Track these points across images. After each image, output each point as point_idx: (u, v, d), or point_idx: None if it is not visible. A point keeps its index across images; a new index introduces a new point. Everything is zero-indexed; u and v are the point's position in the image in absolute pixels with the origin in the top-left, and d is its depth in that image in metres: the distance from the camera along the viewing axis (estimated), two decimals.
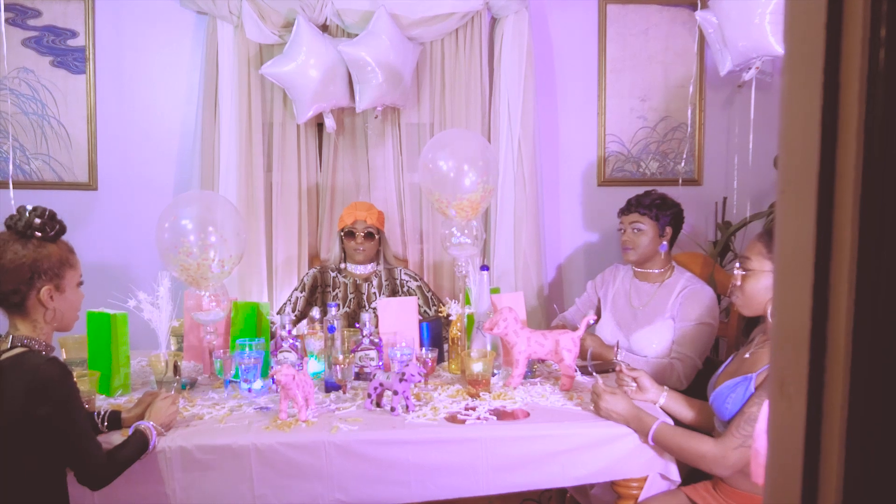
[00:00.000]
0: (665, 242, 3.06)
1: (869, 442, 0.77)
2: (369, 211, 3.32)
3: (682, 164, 4.06)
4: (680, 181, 3.98)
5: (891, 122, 0.73)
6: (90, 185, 3.77)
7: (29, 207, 2.00)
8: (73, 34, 3.71)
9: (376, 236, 3.33)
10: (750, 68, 3.35)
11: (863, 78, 0.75)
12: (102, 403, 2.47)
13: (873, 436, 0.77)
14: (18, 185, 3.68)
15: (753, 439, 2.07)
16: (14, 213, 1.99)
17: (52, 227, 2.01)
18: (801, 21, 0.83)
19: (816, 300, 0.80)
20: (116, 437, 2.14)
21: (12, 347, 1.93)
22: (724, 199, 4.04)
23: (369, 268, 3.35)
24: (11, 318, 1.99)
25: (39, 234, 1.99)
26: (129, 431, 2.11)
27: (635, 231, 3.06)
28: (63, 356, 2.75)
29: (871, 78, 0.74)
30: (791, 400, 0.84)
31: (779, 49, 3.07)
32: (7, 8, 3.61)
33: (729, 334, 3.23)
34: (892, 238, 0.74)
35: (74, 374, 2.32)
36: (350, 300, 3.32)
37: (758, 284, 2.27)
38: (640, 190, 3.19)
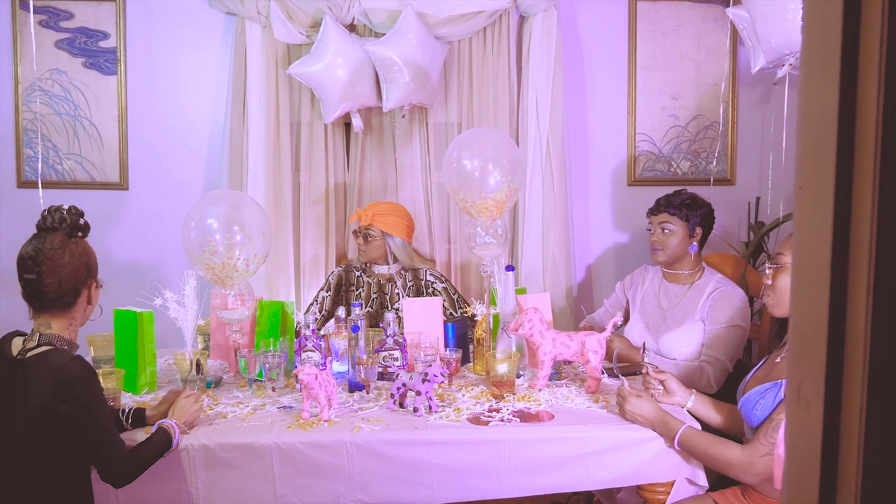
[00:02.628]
0: (695, 243, 3.01)
1: (888, 447, 0.74)
2: (366, 211, 3.27)
3: (715, 163, 4.00)
4: (712, 181, 3.92)
5: None
6: (121, 185, 3.81)
7: (65, 207, 2.03)
8: (105, 36, 3.75)
9: (380, 237, 3.30)
10: (783, 65, 3.28)
11: (881, 71, 0.72)
12: (128, 401, 2.50)
13: (892, 440, 0.74)
14: (51, 185, 3.73)
15: (776, 446, 2.03)
16: (47, 214, 2.01)
17: (87, 224, 2.06)
18: (818, 14, 0.80)
19: (834, 302, 0.77)
20: (140, 435, 2.15)
21: (38, 345, 1.96)
22: (758, 198, 3.97)
23: (393, 268, 3.33)
24: (49, 317, 2.00)
25: (81, 234, 2.03)
26: (153, 429, 2.12)
27: (664, 231, 3.01)
28: (91, 354, 2.78)
29: (888, 71, 0.71)
30: (808, 404, 0.81)
31: None
32: (40, 10, 3.67)
33: (761, 337, 3.17)
34: None
35: (101, 371, 2.35)
36: (373, 300, 3.31)
37: (790, 280, 2.22)
38: (670, 190, 3.14)
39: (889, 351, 0.74)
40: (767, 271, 2.30)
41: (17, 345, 1.99)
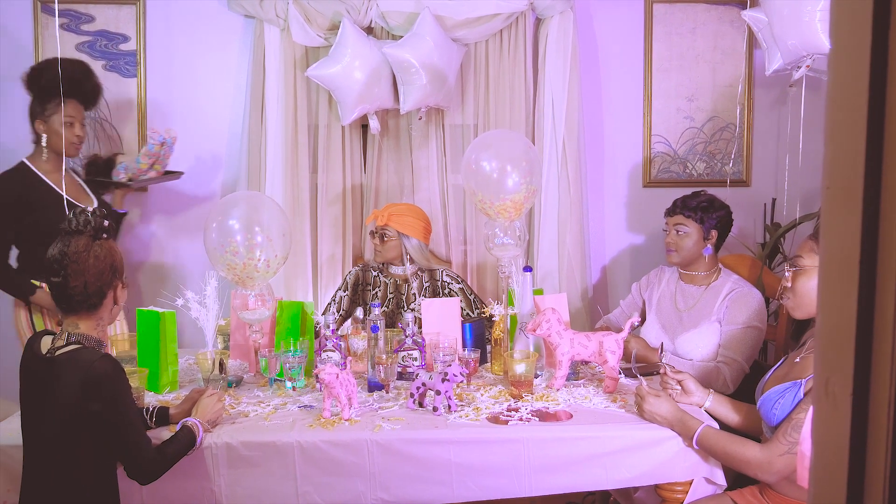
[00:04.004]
0: (709, 246, 3.00)
1: None
2: (383, 212, 3.28)
3: (730, 164, 4.00)
4: (728, 182, 3.92)
5: None
6: (141, 187, 3.84)
7: (90, 210, 2.06)
8: (125, 38, 3.79)
9: (396, 238, 3.31)
10: (800, 67, 3.28)
11: None
12: (151, 400, 2.53)
13: None
14: None
15: (800, 444, 2.03)
16: (72, 217, 2.04)
17: (112, 226, 2.08)
18: (847, 16, 0.81)
19: (862, 298, 0.78)
20: (165, 434, 2.18)
21: (67, 344, 1.99)
22: (773, 200, 3.97)
23: (409, 269, 3.34)
24: (76, 318, 2.03)
25: (106, 235, 2.06)
26: (177, 427, 2.15)
27: (679, 233, 3.01)
28: (113, 353, 2.81)
29: None
30: (836, 400, 0.83)
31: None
32: (61, 13, 3.71)
33: (778, 338, 3.18)
34: None
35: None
36: (390, 300, 3.33)
37: (809, 282, 2.23)
38: (686, 191, 3.15)
39: None
40: (787, 274, 2.30)
41: (45, 343, 2.02)
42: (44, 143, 3.22)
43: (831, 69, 0.85)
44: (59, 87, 3.04)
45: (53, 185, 3.17)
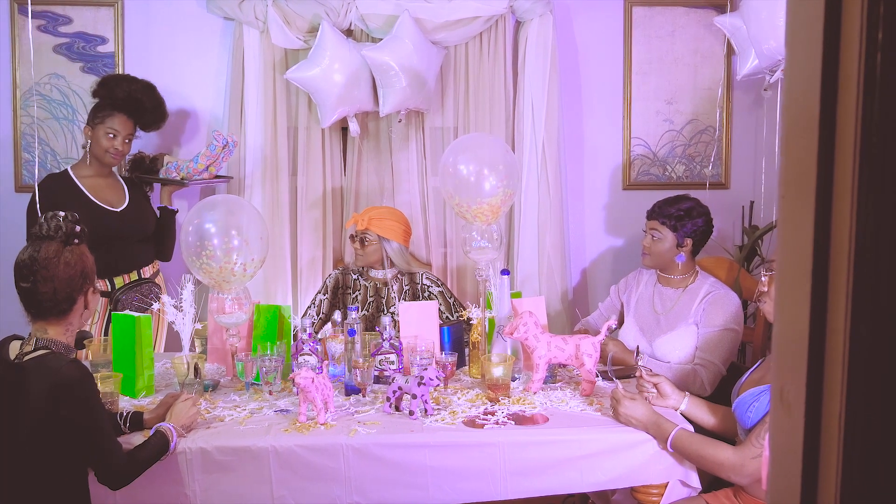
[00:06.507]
0: (682, 254, 3.00)
1: (866, 448, 0.76)
2: (363, 215, 3.28)
3: (710, 167, 4.02)
4: (707, 185, 3.94)
5: (888, 126, 0.73)
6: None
7: (61, 215, 2.04)
8: (103, 40, 3.76)
9: (376, 242, 3.29)
10: (775, 70, 3.31)
11: (860, 82, 0.74)
12: (126, 405, 2.51)
13: (870, 442, 0.76)
14: None
15: (764, 449, 2.05)
16: (43, 222, 2.02)
17: (84, 231, 2.06)
18: (800, 28, 0.82)
19: (815, 308, 0.79)
20: (138, 438, 2.17)
21: (35, 349, 1.97)
22: (752, 202, 3.99)
23: (389, 272, 3.34)
24: (45, 323, 2.02)
25: (77, 241, 2.04)
26: (151, 432, 2.14)
27: (654, 238, 3.02)
28: (88, 358, 2.79)
29: (868, 82, 0.73)
30: (791, 408, 0.84)
31: None
32: (38, 15, 3.68)
33: (755, 340, 3.19)
34: (889, 245, 0.73)
35: (99, 375, 2.37)
36: (370, 304, 3.32)
37: None
38: (665, 193, 3.15)
39: (867, 356, 0.76)
40: (763, 279, 2.32)
41: (14, 349, 2.01)
42: (87, 149, 3.31)
43: (786, 85, 0.86)
44: (119, 101, 3.24)
45: (86, 191, 3.26)
